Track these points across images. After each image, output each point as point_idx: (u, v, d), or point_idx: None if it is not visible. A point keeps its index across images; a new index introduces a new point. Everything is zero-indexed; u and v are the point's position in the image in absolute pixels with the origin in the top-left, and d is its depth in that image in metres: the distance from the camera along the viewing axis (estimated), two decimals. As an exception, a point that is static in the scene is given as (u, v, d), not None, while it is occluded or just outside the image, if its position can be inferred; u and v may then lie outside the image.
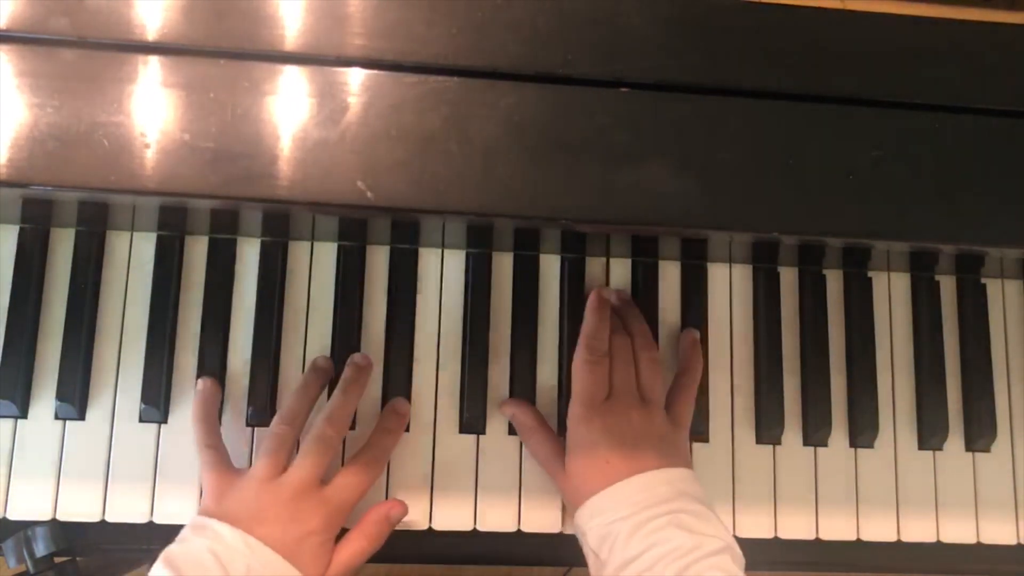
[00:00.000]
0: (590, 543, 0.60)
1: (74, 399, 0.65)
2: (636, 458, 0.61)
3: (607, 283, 0.71)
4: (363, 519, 0.63)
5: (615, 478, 0.60)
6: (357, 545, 0.62)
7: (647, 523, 0.58)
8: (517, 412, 0.67)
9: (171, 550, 0.58)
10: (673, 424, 0.66)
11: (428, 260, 0.70)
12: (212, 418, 0.65)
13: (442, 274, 0.70)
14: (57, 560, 0.63)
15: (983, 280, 0.74)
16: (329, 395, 0.66)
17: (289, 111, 0.51)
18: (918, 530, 0.70)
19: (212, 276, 0.68)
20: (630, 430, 0.63)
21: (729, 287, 0.72)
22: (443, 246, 0.70)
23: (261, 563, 0.57)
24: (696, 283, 0.72)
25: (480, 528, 0.67)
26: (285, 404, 0.65)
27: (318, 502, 0.61)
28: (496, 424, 0.68)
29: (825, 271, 0.73)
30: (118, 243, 0.68)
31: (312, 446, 0.62)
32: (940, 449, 0.72)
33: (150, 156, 0.50)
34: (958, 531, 0.70)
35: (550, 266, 0.71)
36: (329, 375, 0.67)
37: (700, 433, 0.69)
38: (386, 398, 0.67)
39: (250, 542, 0.58)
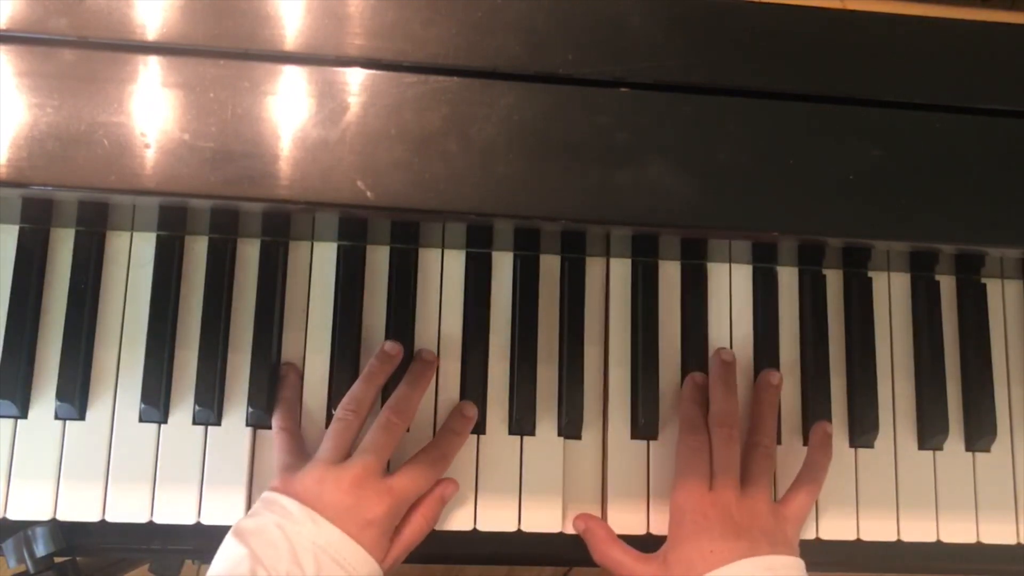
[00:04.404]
0: None
1: (74, 399, 0.65)
2: (739, 549, 0.61)
3: (607, 283, 0.71)
4: (421, 501, 0.64)
5: (717, 564, 0.60)
6: (417, 525, 0.64)
7: None
8: (591, 525, 0.67)
9: (242, 523, 0.60)
10: (779, 516, 0.65)
11: (428, 260, 0.70)
12: (292, 403, 0.66)
13: (442, 274, 0.70)
14: (57, 560, 0.63)
15: (983, 280, 0.74)
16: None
17: (289, 111, 0.51)
18: (918, 530, 0.70)
19: (212, 276, 0.68)
20: (732, 521, 0.62)
21: (729, 287, 0.72)
22: (443, 246, 0.70)
23: (326, 539, 0.58)
24: (696, 283, 0.72)
25: (480, 528, 0.67)
26: (351, 390, 0.65)
27: (382, 491, 0.61)
28: (496, 424, 0.68)
29: (825, 271, 0.73)
30: (118, 243, 0.68)
31: (376, 434, 0.63)
32: (940, 449, 0.72)
33: (150, 156, 0.50)
34: (958, 531, 0.70)
35: (550, 266, 0.71)
36: (396, 363, 0.67)
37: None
38: (386, 398, 0.67)
39: (316, 518, 0.59)
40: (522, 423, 0.68)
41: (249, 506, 0.65)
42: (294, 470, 0.63)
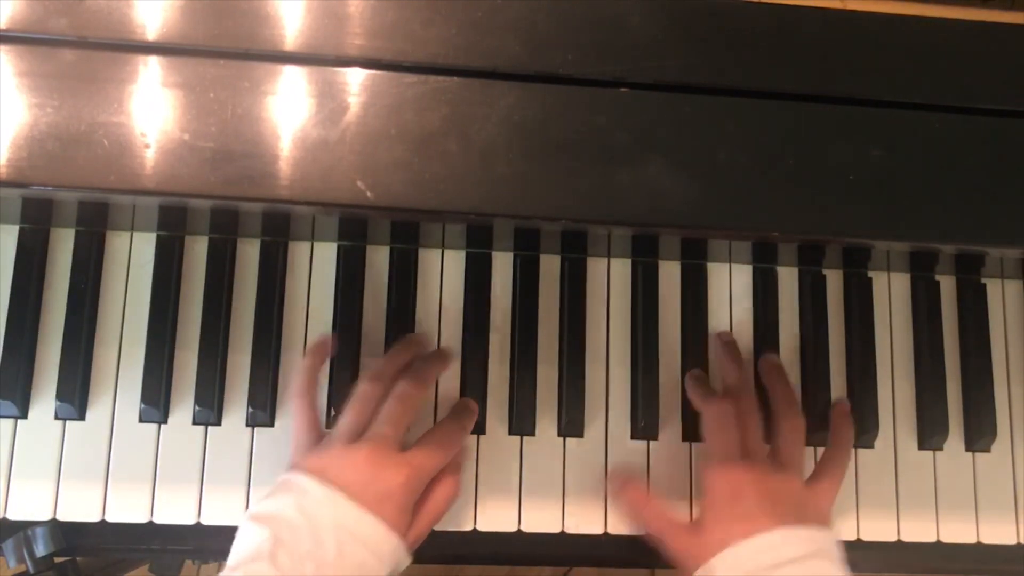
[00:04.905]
0: None
1: (74, 399, 0.65)
2: (778, 515, 0.61)
3: (607, 283, 0.71)
4: (442, 473, 0.64)
5: (755, 531, 0.60)
6: (441, 495, 0.64)
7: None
8: (628, 488, 0.67)
9: (260, 506, 0.59)
10: (812, 489, 0.65)
11: (428, 260, 0.70)
12: (314, 374, 0.66)
13: (442, 274, 0.70)
14: (57, 560, 0.63)
15: (983, 280, 0.74)
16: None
17: (289, 111, 0.51)
18: (918, 530, 0.70)
19: (212, 276, 0.68)
20: (766, 491, 0.62)
21: (729, 287, 0.72)
22: (443, 246, 0.70)
23: (346, 516, 0.58)
24: (696, 283, 0.72)
25: (480, 528, 0.67)
26: (373, 364, 0.65)
27: (400, 463, 0.61)
28: (496, 424, 0.68)
29: (825, 271, 0.73)
30: (118, 243, 0.68)
31: (392, 405, 0.63)
32: (940, 449, 0.72)
33: (150, 156, 0.50)
34: (958, 531, 0.70)
35: (550, 266, 0.71)
36: (421, 349, 0.67)
37: (699, 435, 0.69)
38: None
39: (334, 496, 0.58)
40: (522, 423, 0.68)
41: (249, 506, 0.65)
42: (309, 447, 0.63)
